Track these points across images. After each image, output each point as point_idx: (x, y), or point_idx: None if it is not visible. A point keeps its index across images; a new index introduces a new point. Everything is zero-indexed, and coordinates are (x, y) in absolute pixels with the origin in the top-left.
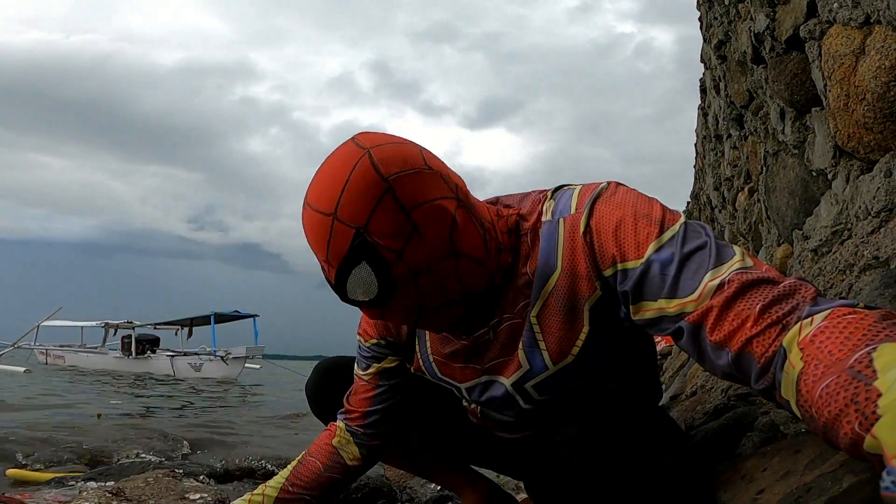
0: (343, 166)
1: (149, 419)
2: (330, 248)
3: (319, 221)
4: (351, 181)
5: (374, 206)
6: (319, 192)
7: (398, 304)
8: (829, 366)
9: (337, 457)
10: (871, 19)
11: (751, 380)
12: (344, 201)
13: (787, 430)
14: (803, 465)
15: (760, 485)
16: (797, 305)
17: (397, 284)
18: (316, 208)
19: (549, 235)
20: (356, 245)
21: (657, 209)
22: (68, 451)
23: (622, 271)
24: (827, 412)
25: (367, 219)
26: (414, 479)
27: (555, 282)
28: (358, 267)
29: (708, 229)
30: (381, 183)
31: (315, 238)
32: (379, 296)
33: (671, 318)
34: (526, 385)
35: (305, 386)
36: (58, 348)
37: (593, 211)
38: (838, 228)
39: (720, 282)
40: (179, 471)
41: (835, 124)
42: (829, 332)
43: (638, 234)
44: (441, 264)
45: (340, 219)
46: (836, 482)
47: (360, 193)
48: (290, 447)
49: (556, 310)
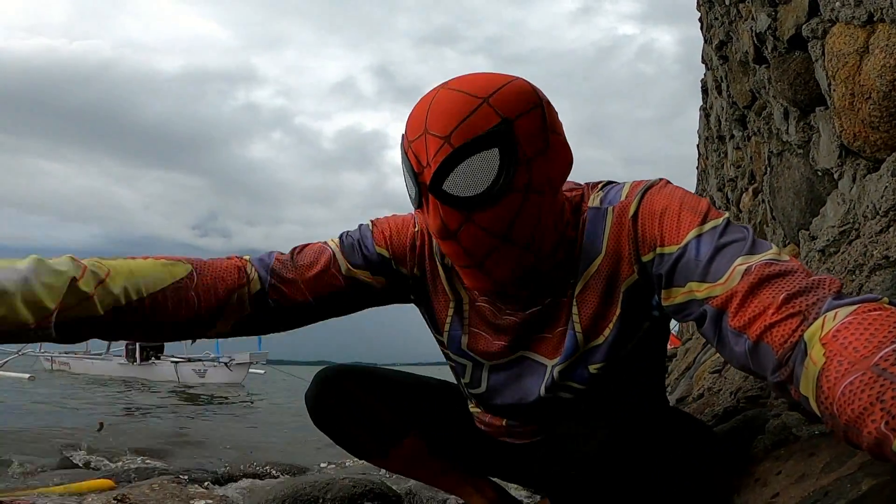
0: (498, 78)
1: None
2: (463, 125)
3: (464, 100)
4: (509, 86)
5: (527, 109)
6: (468, 83)
7: (496, 213)
8: (854, 363)
9: (216, 313)
10: (873, 17)
11: (767, 371)
12: (501, 94)
13: (800, 432)
14: (819, 469)
15: (775, 488)
16: (821, 298)
17: (512, 188)
18: (463, 90)
19: (595, 221)
20: (498, 130)
21: (703, 204)
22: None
23: (660, 255)
24: (850, 410)
25: (517, 115)
26: (419, 485)
27: (598, 265)
28: (486, 151)
29: (750, 229)
30: (536, 97)
31: (445, 113)
32: (487, 192)
33: (699, 301)
34: (555, 369)
35: (305, 396)
36: (63, 355)
37: (644, 198)
38: (846, 228)
39: (747, 268)
40: (184, 477)
41: (840, 123)
42: (854, 329)
43: (681, 222)
44: (548, 195)
45: (493, 105)
46: (854, 485)
47: (517, 94)
48: (292, 451)
49: (595, 290)
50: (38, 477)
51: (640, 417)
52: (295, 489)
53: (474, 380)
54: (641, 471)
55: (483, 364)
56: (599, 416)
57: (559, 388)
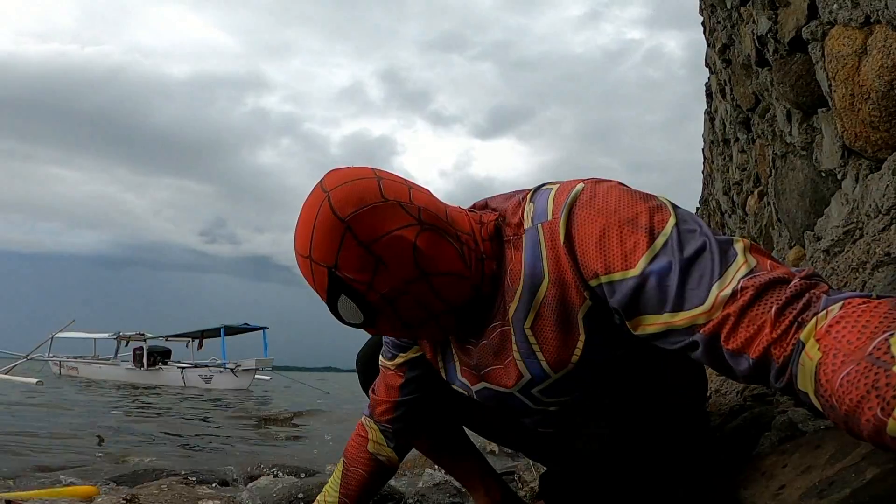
0: (311, 211)
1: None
2: (315, 285)
3: (302, 263)
4: (317, 225)
5: (338, 245)
6: (298, 237)
7: (384, 324)
8: (848, 354)
9: (376, 462)
10: (870, 19)
11: (770, 379)
12: (315, 243)
13: (806, 427)
14: (824, 460)
15: (781, 481)
16: (811, 301)
17: (377, 309)
18: (298, 251)
19: (532, 243)
20: (332, 282)
21: (643, 213)
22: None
23: (608, 284)
24: (848, 400)
25: (335, 258)
26: (428, 486)
27: (544, 291)
28: (340, 299)
29: (701, 222)
30: (339, 224)
31: (304, 276)
32: (365, 320)
33: (682, 330)
34: (532, 391)
35: (357, 357)
36: (71, 360)
37: (571, 218)
38: (850, 228)
39: (731, 290)
40: (193, 478)
41: (842, 124)
42: (846, 322)
43: (624, 244)
44: (413, 287)
45: (315, 260)
46: (859, 474)
47: (325, 235)
48: (297, 456)
49: (550, 320)
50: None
51: (646, 412)
52: (303, 490)
53: (475, 403)
54: (646, 465)
55: (471, 391)
56: (604, 411)
57: (549, 403)
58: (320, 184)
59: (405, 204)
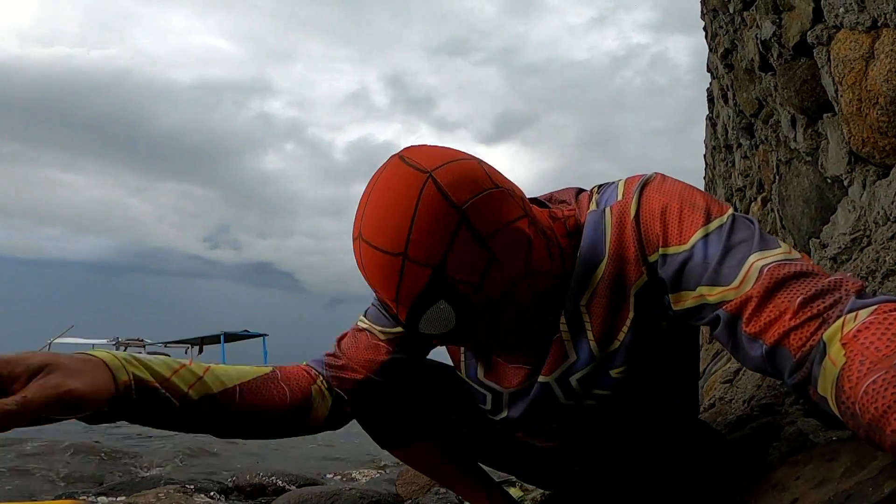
0: (405, 196)
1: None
2: (401, 290)
3: (387, 263)
4: (419, 214)
5: (449, 240)
6: (380, 228)
7: (481, 333)
8: (876, 362)
9: (306, 404)
10: (877, 23)
11: (784, 373)
12: (414, 238)
13: (817, 438)
14: (839, 473)
15: (794, 493)
16: (839, 300)
17: (476, 315)
18: (379, 247)
19: (594, 224)
20: (433, 285)
21: (702, 198)
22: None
23: (663, 256)
24: (873, 409)
25: (442, 256)
26: (426, 494)
27: (602, 269)
28: (435, 305)
29: (755, 222)
30: (454, 214)
31: (380, 280)
32: (456, 328)
33: (711, 306)
34: (571, 378)
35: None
36: None
37: (642, 196)
38: (857, 235)
39: (760, 270)
40: (190, 486)
41: (848, 129)
42: (875, 329)
43: (683, 221)
44: (518, 287)
45: (413, 259)
46: (876, 488)
47: (432, 228)
48: (298, 464)
49: (604, 296)
50: None
51: (668, 423)
52: (302, 500)
53: (495, 407)
54: (659, 476)
55: (502, 393)
56: (624, 422)
57: (583, 396)
58: (409, 161)
59: (511, 192)
